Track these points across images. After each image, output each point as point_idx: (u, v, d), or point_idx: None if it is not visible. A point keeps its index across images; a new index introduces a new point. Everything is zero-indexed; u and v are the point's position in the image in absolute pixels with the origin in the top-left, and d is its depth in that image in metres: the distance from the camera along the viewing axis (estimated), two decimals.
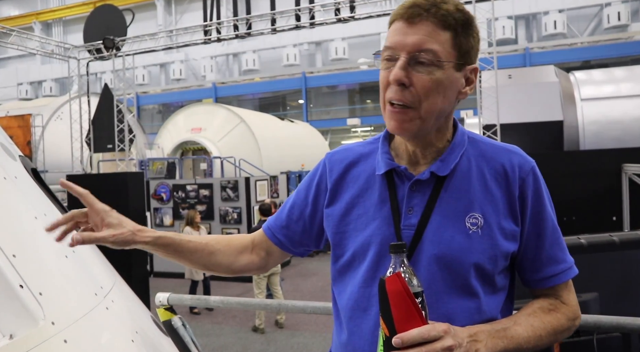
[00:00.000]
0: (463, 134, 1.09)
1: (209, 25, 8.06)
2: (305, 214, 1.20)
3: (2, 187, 1.48)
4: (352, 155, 1.16)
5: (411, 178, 1.05)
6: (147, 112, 28.80)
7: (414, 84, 0.97)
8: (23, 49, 9.50)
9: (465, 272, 0.99)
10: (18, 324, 1.24)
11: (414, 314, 0.85)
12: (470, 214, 1.01)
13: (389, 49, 1.00)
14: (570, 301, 1.07)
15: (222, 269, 1.27)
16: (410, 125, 1.00)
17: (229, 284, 8.62)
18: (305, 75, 25.23)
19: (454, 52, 0.99)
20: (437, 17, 0.97)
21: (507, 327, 0.98)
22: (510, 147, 1.09)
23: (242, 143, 14.20)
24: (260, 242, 1.28)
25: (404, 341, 0.84)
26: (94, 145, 9.03)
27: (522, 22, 23.25)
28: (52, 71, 27.89)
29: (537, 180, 1.05)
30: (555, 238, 1.06)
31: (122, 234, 1.11)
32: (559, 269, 1.06)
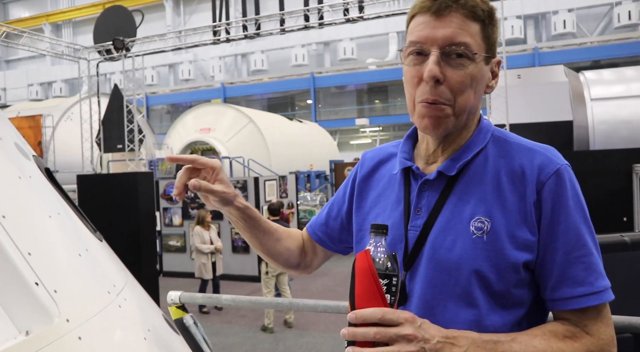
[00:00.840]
0: (487, 131, 1.02)
1: (218, 25, 8.09)
2: (343, 211, 1.20)
3: (18, 186, 1.51)
4: (383, 154, 1.15)
5: (422, 177, 1.01)
6: (156, 112, 28.99)
7: (448, 79, 0.92)
8: (34, 50, 9.61)
9: (465, 279, 0.91)
10: (34, 321, 1.26)
11: (375, 294, 0.82)
12: (476, 218, 0.93)
13: (417, 44, 0.94)
14: (599, 333, 0.90)
15: (281, 260, 1.26)
16: (445, 122, 0.95)
17: (237, 284, 8.66)
18: (313, 76, 25.25)
19: (483, 45, 0.95)
20: (466, 8, 0.92)
21: (501, 341, 0.85)
22: (537, 146, 0.98)
23: (250, 143, 14.26)
24: (305, 242, 1.30)
25: (357, 317, 0.80)
26: (104, 145, 9.11)
27: (531, 22, 23.11)
28: (62, 72, 28.15)
29: (560, 184, 0.92)
30: (579, 255, 0.90)
31: (230, 193, 1.11)
32: (579, 291, 0.89)
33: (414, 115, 0.99)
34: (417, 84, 0.95)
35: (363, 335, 0.80)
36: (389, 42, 25.41)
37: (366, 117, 25.00)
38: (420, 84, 0.95)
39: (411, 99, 0.98)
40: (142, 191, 6.96)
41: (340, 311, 1.53)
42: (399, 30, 24.45)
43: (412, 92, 0.97)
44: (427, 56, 0.93)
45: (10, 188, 1.45)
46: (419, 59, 0.95)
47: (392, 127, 25.99)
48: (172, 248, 9.61)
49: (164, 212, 9.95)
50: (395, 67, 23.68)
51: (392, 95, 26.02)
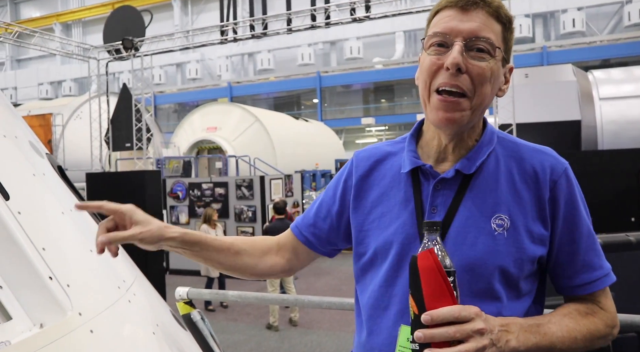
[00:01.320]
0: (492, 132, 1.06)
1: (226, 25, 8.14)
2: (333, 212, 1.18)
3: (32, 183, 1.54)
4: (379, 154, 1.14)
5: (436, 176, 1.02)
6: (163, 111, 29.14)
7: (470, 70, 0.94)
8: (45, 49, 9.71)
9: (489, 275, 0.95)
10: (48, 314, 1.29)
11: (445, 292, 0.82)
12: (497, 215, 0.97)
13: (441, 35, 0.96)
14: (609, 307, 1.02)
15: (247, 271, 1.23)
16: (461, 115, 0.96)
17: (243, 282, 8.71)
18: (319, 75, 25.28)
19: (503, 45, 0.98)
20: (492, 7, 0.96)
21: (541, 323, 0.94)
22: (542, 148, 1.04)
23: (257, 142, 14.31)
24: (286, 243, 1.25)
25: (433, 318, 0.81)
26: (113, 144, 9.19)
27: (539, 21, 22.98)
28: (72, 71, 28.37)
29: (570, 183, 1.00)
30: (591, 243, 1.01)
31: (149, 230, 1.10)
32: (595, 276, 1.00)
33: (427, 107, 1.00)
34: (436, 72, 0.96)
35: (442, 335, 0.81)
36: (396, 41, 25.37)
37: (372, 117, 25.00)
38: (439, 72, 0.96)
39: (426, 87, 0.99)
40: (150, 189, 7.02)
41: (345, 307, 1.55)
42: (405, 30, 24.41)
43: (428, 81, 0.98)
44: (449, 48, 0.95)
45: (25, 185, 1.48)
46: (441, 50, 0.96)
47: (397, 126, 25.96)
48: None
49: (171, 211, 10.03)
50: (401, 66, 23.65)
51: (398, 95, 25.99)
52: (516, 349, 0.88)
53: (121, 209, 1.11)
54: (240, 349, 5.53)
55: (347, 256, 1.56)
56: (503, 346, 0.87)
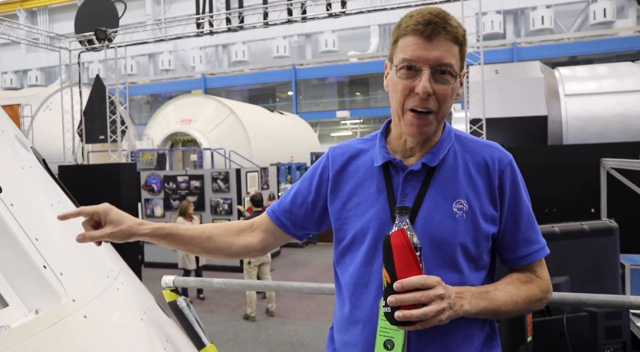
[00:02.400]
0: (450, 131, 1.24)
1: (202, 17, 8.09)
2: (308, 201, 1.33)
3: (21, 177, 1.59)
4: (352, 150, 1.30)
5: (405, 169, 1.18)
6: (135, 102, 28.59)
7: (436, 92, 1.11)
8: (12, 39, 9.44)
9: (452, 251, 1.13)
10: (43, 301, 1.36)
11: (413, 265, 1.00)
12: (457, 201, 1.15)
13: (410, 61, 1.11)
14: (544, 275, 1.22)
15: (222, 252, 1.37)
16: (430, 128, 1.15)
17: (220, 274, 8.74)
18: (295, 67, 25.23)
19: (460, 63, 1.16)
20: (451, 34, 1.11)
21: (489, 290, 1.13)
22: (491, 143, 1.25)
23: (232, 135, 14.24)
24: (260, 225, 1.39)
25: (403, 285, 0.99)
26: (86, 136, 9.04)
27: (510, 17, 23.48)
28: (38, 60, 27.54)
29: (514, 172, 1.20)
30: (530, 222, 1.20)
31: (120, 229, 1.24)
32: (534, 249, 1.20)
33: (401, 121, 1.17)
34: (408, 95, 1.14)
35: (411, 300, 0.99)
36: (371, 34, 25.52)
37: (347, 110, 25.11)
38: (411, 95, 1.13)
39: (400, 105, 1.16)
40: (125, 182, 6.98)
41: (324, 292, 1.66)
42: (380, 23, 24.56)
43: (402, 100, 1.15)
44: (418, 72, 1.12)
45: (16, 178, 1.53)
46: (410, 73, 1.13)
47: (372, 119, 26.18)
48: None
49: (146, 203, 9.94)
50: (376, 59, 23.81)
51: (373, 88, 26.18)
52: (468, 312, 1.08)
53: (97, 210, 1.26)
54: (219, 339, 5.60)
55: (323, 248, 1.65)
56: (458, 309, 1.05)
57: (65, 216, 1.25)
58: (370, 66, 23.97)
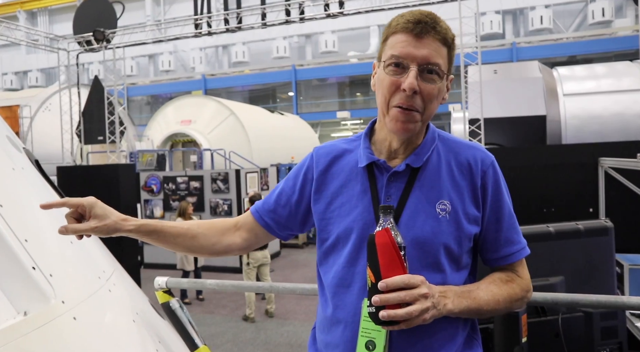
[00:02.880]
0: (434, 132, 1.25)
1: (200, 18, 8.09)
2: (292, 201, 1.32)
3: (12, 178, 1.59)
4: (337, 151, 1.29)
5: (389, 170, 1.18)
6: (135, 103, 28.60)
7: (422, 91, 1.11)
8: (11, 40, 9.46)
9: (435, 251, 1.13)
10: (31, 302, 1.35)
11: (398, 264, 1.00)
12: (440, 201, 1.15)
13: (398, 58, 1.11)
14: (524, 275, 1.23)
15: (206, 251, 1.38)
16: (414, 126, 1.14)
17: (220, 275, 8.74)
18: (295, 68, 25.23)
19: (447, 65, 1.16)
20: (440, 34, 1.12)
21: (471, 290, 1.14)
22: (473, 144, 1.25)
23: (232, 135, 14.24)
24: (245, 224, 1.39)
25: (388, 285, 0.99)
26: (85, 137, 9.05)
27: (509, 17, 23.47)
28: (38, 61, 27.56)
29: (496, 172, 1.21)
30: (512, 223, 1.22)
31: (105, 224, 1.23)
32: (515, 249, 1.21)
33: (386, 117, 1.16)
34: (394, 92, 1.13)
35: (395, 299, 0.99)
36: (370, 35, 25.52)
37: (347, 110, 25.12)
38: (397, 92, 1.13)
39: (385, 102, 1.15)
40: (124, 182, 6.97)
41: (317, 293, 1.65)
42: (380, 24, 24.56)
43: (388, 97, 1.15)
44: (405, 69, 1.12)
45: (6, 179, 1.52)
46: (397, 70, 1.13)
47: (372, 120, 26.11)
48: None
49: (145, 204, 9.94)
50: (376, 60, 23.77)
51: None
52: (452, 311, 1.08)
53: (82, 203, 1.24)
54: (217, 340, 5.59)
55: None
56: (442, 309, 1.06)
57: (49, 205, 1.23)
58: (370, 67, 23.58)
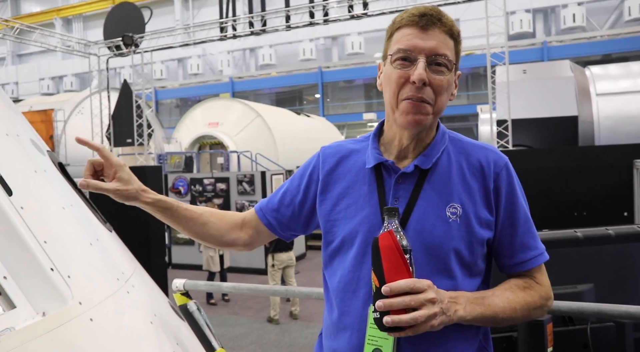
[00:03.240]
0: (444, 132, 1.21)
1: (225, 21, 8.18)
2: (296, 201, 1.30)
3: (33, 180, 1.62)
4: (344, 151, 1.27)
5: (397, 171, 1.15)
6: (165, 106, 29.17)
7: (431, 83, 1.08)
8: (45, 46, 9.78)
9: (445, 256, 1.09)
10: (49, 303, 1.37)
11: (402, 268, 0.96)
12: (450, 204, 1.11)
13: (405, 51, 1.09)
14: (544, 282, 1.17)
15: (213, 240, 1.38)
16: (426, 119, 1.11)
17: (245, 276, 8.80)
18: (321, 70, 25.26)
19: (455, 58, 1.13)
20: (446, 26, 1.10)
21: (486, 296, 1.09)
22: (486, 145, 1.20)
23: (258, 137, 14.34)
24: (250, 222, 1.38)
25: (392, 289, 0.95)
26: (114, 139, 9.27)
27: (540, 16, 22.91)
28: (73, 66, 28.40)
29: (510, 175, 1.15)
30: (528, 227, 1.16)
31: (127, 189, 1.23)
32: (531, 254, 1.15)
33: (395, 112, 1.13)
34: (403, 85, 1.10)
35: (400, 304, 0.95)
36: None
37: (374, 112, 24.98)
38: (406, 85, 1.10)
39: (394, 96, 1.13)
40: (151, 184, 7.07)
41: None
42: None
43: (396, 91, 1.12)
44: (413, 62, 1.09)
45: (28, 181, 1.55)
46: (405, 63, 1.10)
47: None
48: (181, 241, 9.77)
49: None
50: None
51: None
52: (463, 317, 1.03)
53: (112, 160, 1.23)
54: (242, 342, 5.62)
55: None
56: (452, 315, 1.01)
57: (85, 142, 1.22)
58: None
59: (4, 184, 1.43)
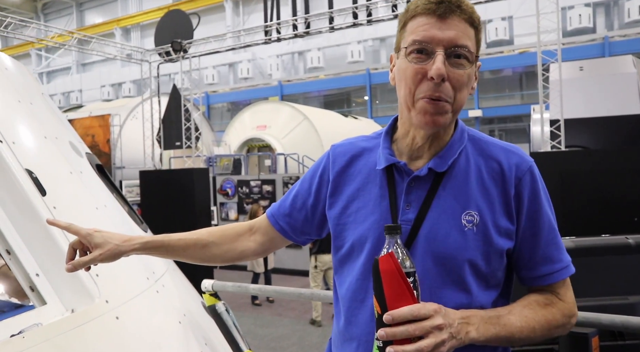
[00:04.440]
0: (463, 131, 1.11)
1: (269, 25, 8.29)
2: (308, 204, 1.23)
3: (69, 181, 1.68)
4: (355, 149, 1.18)
5: (410, 174, 1.06)
6: (216, 110, 29.97)
7: (450, 77, 0.98)
8: (101, 54, 10.32)
9: (459, 268, 1.01)
10: (78, 301, 1.41)
11: (405, 293, 0.87)
12: (467, 212, 1.02)
13: (421, 43, 0.99)
14: (567, 298, 1.07)
15: (219, 260, 1.32)
16: (445, 118, 1.01)
17: (289, 278, 8.86)
18: (369, 72, 25.11)
19: (475, 48, 1.02)
20: (466, 14, 0.99)
21: (501, 315, 0.99)
22: (510, 147, 1.09)
23: (305, 140, 14.43)
24: (260, 228, 1.31)
25: (394, 317, 0.86)
26: (164, 142, 9.61)
27: (601, 9, 21.71)
28: (131, 73, 29.73)
29: (534, 180, 1.05)
30: (552, 238, 1.06)
31: (108, 250, 1.18)
32: (555, 268, 1.06)
33: (412, 111, 1.03)
34: (420, 81, 1.00)
35: (403, 333, 0.85)
36: None
37: None
38: (423, 81, 1.00)
39: (410, 94, 1.02)
40: (198, 186, 7.30)
41: None
42: None
43: (413, 88, 1.01)
44: (430, 55, 0.99)
45: (62, 182, 1.61)
46: (422, 57, 1.00)
47: None
48: None
49: (221, 207, 10.35)
50: None
51: None
52: (476, 339, 0.94)
53: (81, 233, 1.19)
54: (283, 343, 5.65)
55: None
56: (463, 337, 0.92)
57: (54, 223, 1.22)
58: None
59: (38, 185, 1.49)
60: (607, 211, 4.53)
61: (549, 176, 4.85)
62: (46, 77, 33.75)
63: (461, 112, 1.05)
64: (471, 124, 21.41)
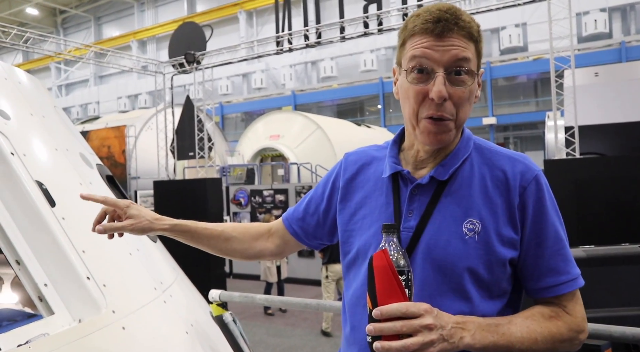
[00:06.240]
0: (469, 139, 1.12)
1: (281, 36, 8.37)
2: (320, 209, 1.27)
3: (78, 192, 1.70)
4: (366, 158, 1.21)
5: (413, 182, 1.08)
6: (230, 120, 30.22)
7: (452, 96, 1.00)
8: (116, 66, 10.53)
9: (459, 276, 1.00)
10: (85, 311, 1.42)
11: (396, 290, 0.88)
12: (468, 220, 1.02)
13: (421, 64, 1.00)
14: (576, 312, 1.05)
15: (238, 255, 1.38)
16: (449, 136, 1.04)
17: (302, 287, 8.83)
18: (382, 81, 25.14)
19: (477, 61, 1.03)
20: (464, 29, 1.00)
21: (500, 323, 0.98)
22: (517, 155, 1.09)
23: (318, 149, 14.47)
24: (277, 231, 1.37)
25: (382, 313, 0.87)
26: (177, 153, 9.72)
27: (617, 14, 21.46)
28: (147, 85, 30.20)
29: (540, 189, 1.04)
30: (558, 249, 1.04)
31: (140, 222, 1.26)
32: (560, 280, 1.04)
33: (416, 129, 1.06)
34: (422, 101, 1.02)
35: (390, 329, 0.87)
36: None
37: None
38: (425, 101, 1.02)
39: (414, 113, 1.05)
40: (211, 196, 7.35)
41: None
42: None
43: (415, 108, 1.04)
44: (430, 75, 1.01)
45: (71, 193, 1.64)
46: (422, 77, 1.01)
47: None
48: None
49: (234, 217, 10.39)
50: None
51: None
52: (471, 345, 0.93)
53: (117, 204, 1.28)
54: None
55: None
56: (457, 342, 0.91)
57: (89, 196, 1.29)
58: None
59: (47, 196, 1.52)
60: (624, 218, 4.45)
61: (563, 184, 4.79)
62: (65, 90, 34.46)
63: (475, 120, 1.05)
64: (485, 131, 21.23)
